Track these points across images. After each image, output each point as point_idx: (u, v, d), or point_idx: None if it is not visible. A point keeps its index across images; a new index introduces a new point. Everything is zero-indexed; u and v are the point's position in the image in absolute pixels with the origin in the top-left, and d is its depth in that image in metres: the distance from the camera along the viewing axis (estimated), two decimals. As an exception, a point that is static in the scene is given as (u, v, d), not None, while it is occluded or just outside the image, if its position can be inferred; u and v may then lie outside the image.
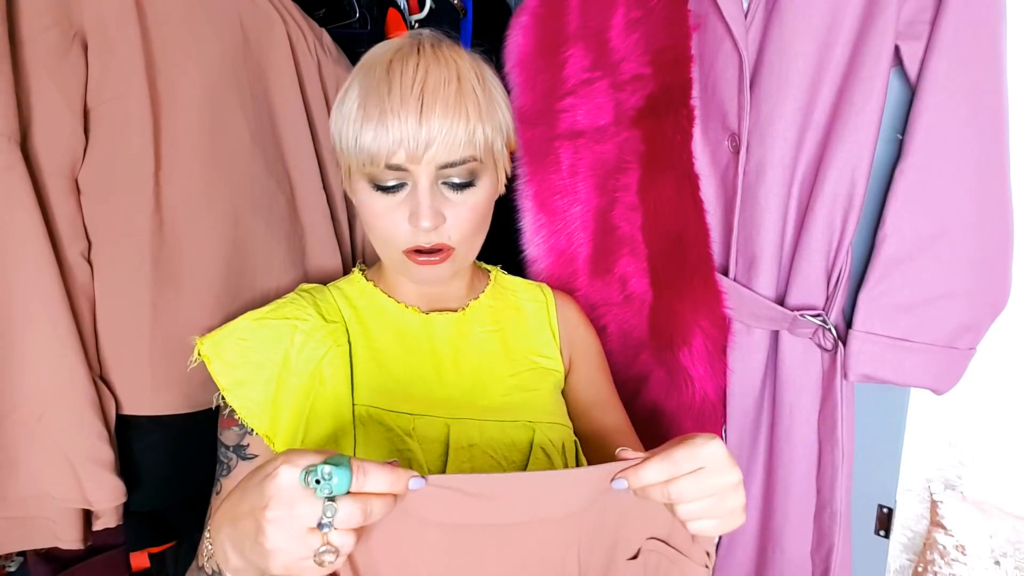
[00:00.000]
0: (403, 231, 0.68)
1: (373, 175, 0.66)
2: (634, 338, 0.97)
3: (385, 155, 0.64)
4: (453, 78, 0.65)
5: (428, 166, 0.65)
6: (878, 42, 0.75)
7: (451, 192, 0.68)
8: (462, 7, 1.15)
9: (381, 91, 0.64)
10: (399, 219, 0.67)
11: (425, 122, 0.63)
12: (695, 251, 0.89)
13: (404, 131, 0.63)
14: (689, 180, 0.89)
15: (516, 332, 0.81)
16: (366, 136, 0.64)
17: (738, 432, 0.92)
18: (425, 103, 0.63)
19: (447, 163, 0.65)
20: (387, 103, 0.63)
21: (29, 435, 0.67)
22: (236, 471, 0.66)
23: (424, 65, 0.65)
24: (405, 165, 0.64)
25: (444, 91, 0.64)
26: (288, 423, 0.66)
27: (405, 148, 0.63)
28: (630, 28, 0.91)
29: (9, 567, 0.81)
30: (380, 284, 0.78)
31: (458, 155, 0.65)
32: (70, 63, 0.69)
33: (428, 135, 0.63)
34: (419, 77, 0.64)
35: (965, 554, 0.90)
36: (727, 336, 0.91)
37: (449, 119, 0.64)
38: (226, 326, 0.69)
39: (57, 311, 0.67)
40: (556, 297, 0.88)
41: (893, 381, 0.81)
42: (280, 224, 0.86)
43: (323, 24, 0.95)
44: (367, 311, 0.75)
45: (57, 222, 0.69)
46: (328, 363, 0.68)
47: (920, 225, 0.76)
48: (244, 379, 0.66)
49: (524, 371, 0.79)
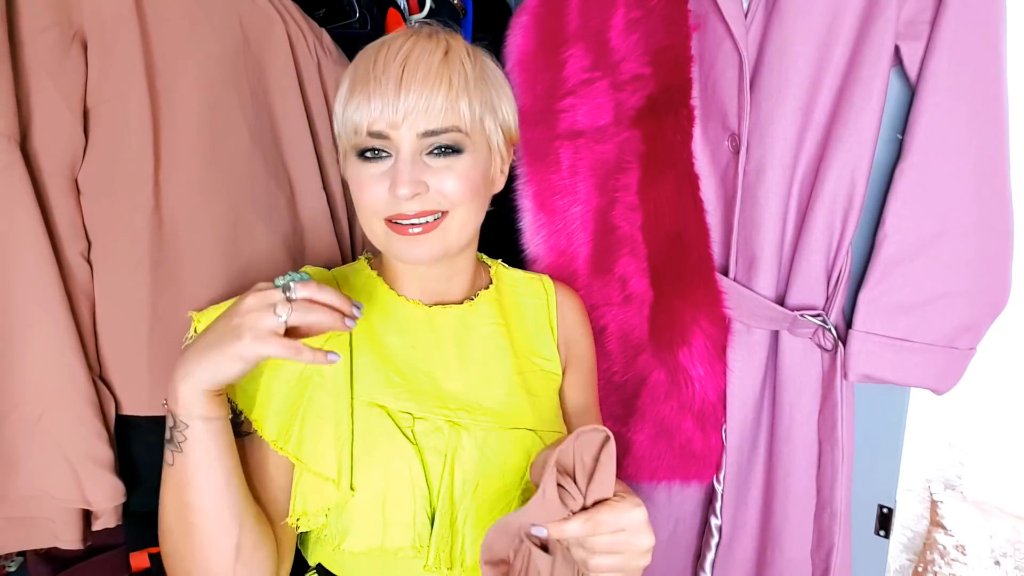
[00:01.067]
0: (383, 199, 0.67)
1: (358, 144, 0.67)
2: (634, 338, 0.97)
3: (367, 123, 0.65)
4: (440, 50, 0.67)
5: (408, 132, 0.65)
6: (878, 42, 0.75)
7: (434, 159, 0.67)
8: (462, 7, 1.15)
9: (367, 66, 0.66)
10: (380, 189, 0.67)
11: (404, 88, 0.64)
12: (695, 251, 0.89)
13: (385, 98, 0.64)
14: (689, 180, 0.89)
15: (519, 329, 0.81)
16: (351, 108, 0.66)
17: (738, 432, 0.92)
18: (406, 70, 0.65)
19: (428, 130, 0.66)
20: (371, 75, 0.65)
21: (29, 435, 0.67)
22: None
23: (413, 41, 0.67)
24: (386, 132, 0.65)
25: (427, 60, 0.65)
26: (279, 410, 0.65)
27: (385, 115, 0.65)
28: (630, 28, 0.91)
29: (9, 567, 0.81)
30: (384, 275, 0.77)
31: (438, 123, 0.66)
32: (70, 63, 0.68)
33: (407, 101, 0.64)
34: (404, 49, 0.66)
35: (965, 554, 0.90)
36: (727, 336, 0.91)
37: (429, 85, 0.65)
38: (222, 305, 0.68)
39: (57, 311, 0.67)
40: (558, 292, 0.86)
41: (893, 381, 0.81)
42: (280, 224, 0.86)
43: (323, 24, 0.95)
44: (369, 302, 0.74)
45: (57, 222, 0.69)
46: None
47: (920, 225, 0.77)
48: None
49: (528, 371, 0.78)
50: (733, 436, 0.93)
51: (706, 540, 0.98)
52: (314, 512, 0.64)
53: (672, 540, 1.02)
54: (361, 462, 0.65)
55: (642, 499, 0.58)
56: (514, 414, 0.73)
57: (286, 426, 0.65)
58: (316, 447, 0.65)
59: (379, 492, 0.64)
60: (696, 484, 0.97)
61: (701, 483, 0.97)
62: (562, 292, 0.87)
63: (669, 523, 1.02)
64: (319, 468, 0.64)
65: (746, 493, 0.93)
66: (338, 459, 0.64)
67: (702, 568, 0.98)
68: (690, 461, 0.94)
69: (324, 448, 0.65)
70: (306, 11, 0.91)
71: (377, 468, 0.65)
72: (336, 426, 0.65)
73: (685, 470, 0.95)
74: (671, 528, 1.02)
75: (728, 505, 0.95)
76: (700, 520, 1.01)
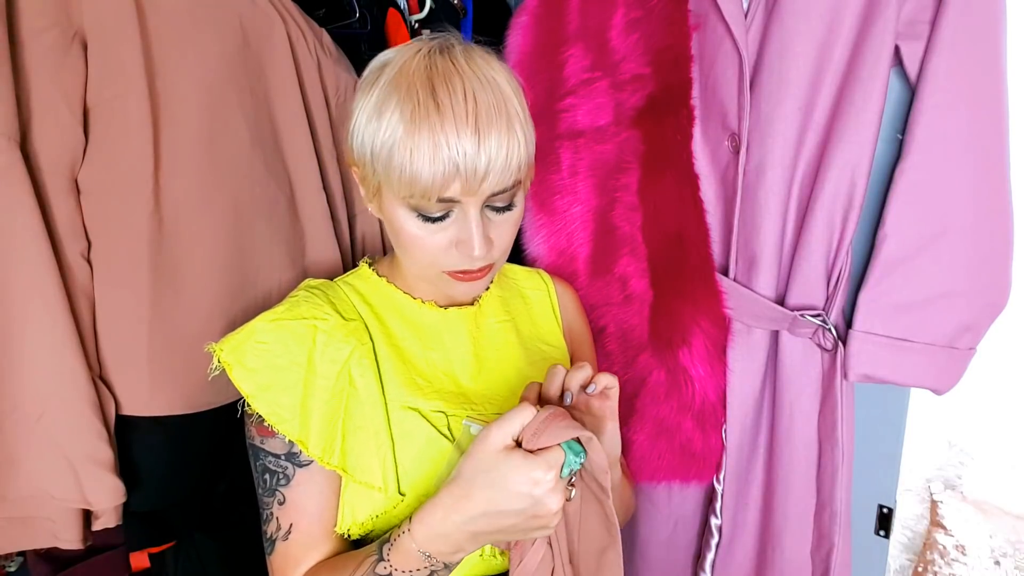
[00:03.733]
0: (448, 256, 0.66)
1: (420, 207, 0.63)
2: (634, 338, 0.97)
3: (438, 189, 0.60)
4: (502, 102, 0.62)
5: (479, 197, 0.63)
6: (878, 42, 0.75)
7: (494, 214, 0.66)
8: (462, 7, 1.15)
9: (431, 118, 0.59)
10: (442, 243, 0.65)
11: (483, 153, 0.60)
12: (695, 251, 0.89)
13: (462, 164, 0.59)
14: (689, 180, 0.89)
15: (525, 320, 0.82)
16: (418, 167, 0.60)
17: (738, 432, 0.92)
18: (481, 134, 0.60)
19: (497, 191, 0.63)
20: (439, 132, 0.59)
21: (29, 435, 0.67)
22: (296, 479, 0.65)
23: (471, 86, 0.61)
24: (458, 198, 0.62)
25: (496, 118, 0.61)
26: (320, 427, 0.65)
27: (461, 181, 0.60)
28: (630, 28, 0.91)
29: (9, 567, 0.81)
30: (394, 280, 0.76)
31: (509, 182, 0.63)
32: (70, 63, 0.68)
33: (485, 167, 0.60)
34: (470, 102, 0.60)
35: (965, 554, 0.90)
36: (727, 336, 0.91)
37: (504, 149, 0.61)
38: (242, 329, 0.67)
39: (57, 311, 0.67)
40: (556, 284, 0.89)
41: (893, 381, 0.81)
42: (280, 224, 0.86)
43: (323, 24, 0.95)
44: (383, 308, 0.73)
45: (57, 222, 0.69)
46: (356, 363, 0.67)
47: (920, 225, 0.77)
48: (269, 384, 0.64)
49: (538, 359, 0.79)
50: (733, 436, 0.93)
51: (706, 540, 0.98)
52: (363, 521, 0.65)
53: (672, 540, 1.02)
54: (406, 467, 0.66)
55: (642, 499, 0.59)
56: None
57: (329, 440, 0.65)
58: (360, 458, 0.65)
59: (428, 494, 0.63)
60: (696, 484, 0.97)
61: (701, 483, 0.97)
62: (559, 284, 0.89)
63: (669, 523, 1.02)
64: (365, 478, 0.64)
65: (746, 493, 0.93)
66: (382, 466, 0.65)
67: (702, 568, 0.98)
68: (690, 461, 0.94)
69: (368, 458, 0.65)
70: (306, 11, 0.91)
71: (422, 470, 0.66)
72: (376, 435, 0.65)
73: (685, 470, 0.95)
74: (671, 528, 1.02)
75: (728, 505, 0.95)
76: (700, 520, 1.01)
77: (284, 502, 0.65)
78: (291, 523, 0.65)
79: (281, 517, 0.65)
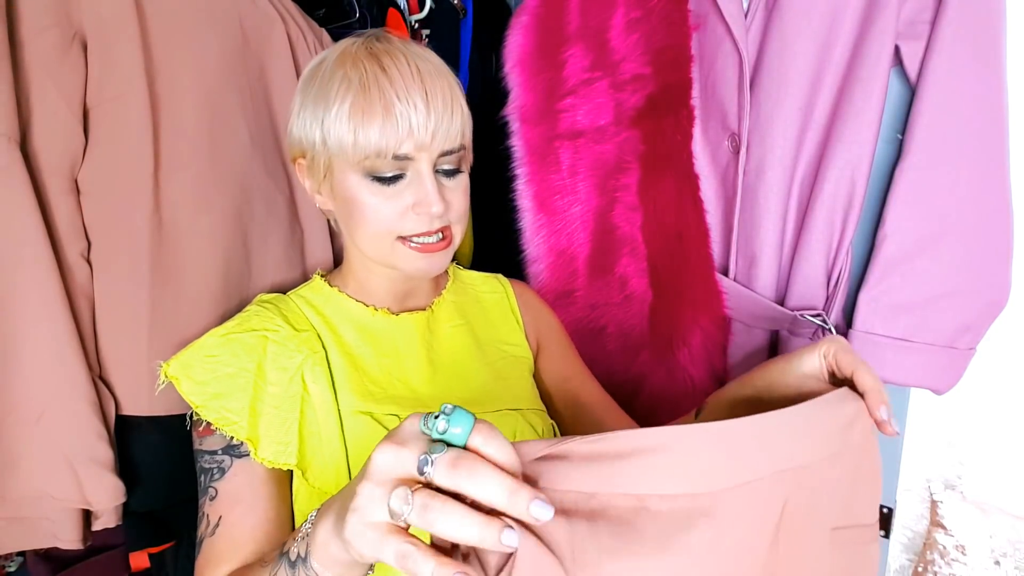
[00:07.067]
0: (405, 220, 0.67)
1: (374, 167, 0.65)
2: (634, 338, 0.97)
3: (394, 146, 0.64)
4: (444, 73, 0.67)
5: (431, 154, 0.66)
6: (878, 42, 0.75)
7: (445, 179, 0.69)
8: (462, 7, 1.15)
9: (382, 84, 0.63)
10: (399, 208, 0.67)
11: (432, 111, 0.64)
12: (695, 251, 0.89)
13: (414, 121, 0.63)
14: (689, 180, 0.89)
15: (482, 323, 0.83)
16: (371, 130, 0.63)
17: (738, 432, 0.92)
18: (429, 92, 0.64)
19: (446, 151, 0.67)
20: (391, 94, 0.63)
21: (28, 435, 0.67)
22: (233, 471, 0.64)
23: (413, 59, 0.66)
24: (412, 154, 0.65)
25: (440, 81, 0.66)
26: (271, 429, 0.64)
27: (413, 138, 0.64)
28: (630, 28, 0.91)
29: (9, 567, 0.81)
30: (346, 288, 0.77)
31: (456, 143, 0.67)
32: (70, 63, 0.68)
33: (435, 124, 0.64)
34: (413, 67, 0.65)
35: (965, 554, 0.90)
36: (727, 336, 0.91)
37: (450, 107, 0.65)
38: (191, 345, 0.67)
39: (57, 311, 0.67)
40: (513, 285, 0.90)
41: (893, 381, 0.81)
42: (279, 224, 0.86)
43: (323, 24, 0.95)
44: (336, 317, 0.74)
45: (57, 222, 0.69)
46: (308, 370, 0.67)
47: (920, 225, 0.77)
48: (218, 393, 0.64)
49: (496, 360, 0.80)
50: (733, 436, 0.93)
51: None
52: None
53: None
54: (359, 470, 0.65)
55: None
56: (491, 399, 0.75)
57: (282, 443, 0.64)
58: (313, 460, 0.65)
59: None
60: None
61: (701, 483, 0.97)
62: (517, 285, 0.91)
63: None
64: (319, 483, 0.64)
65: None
66: (335, 471, 0.64)
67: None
68: (690, 461, 0.94)
69: (321, 461, 0.65)
70: (306, 11, 0.91)
71: None
72: (329, 441, 0.65)
73: (685, 470, 0.95)
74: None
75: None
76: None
77: (216, 496, 0.63)
78: (220, 516, 0.61)
79: (211, 513, 0.62)
